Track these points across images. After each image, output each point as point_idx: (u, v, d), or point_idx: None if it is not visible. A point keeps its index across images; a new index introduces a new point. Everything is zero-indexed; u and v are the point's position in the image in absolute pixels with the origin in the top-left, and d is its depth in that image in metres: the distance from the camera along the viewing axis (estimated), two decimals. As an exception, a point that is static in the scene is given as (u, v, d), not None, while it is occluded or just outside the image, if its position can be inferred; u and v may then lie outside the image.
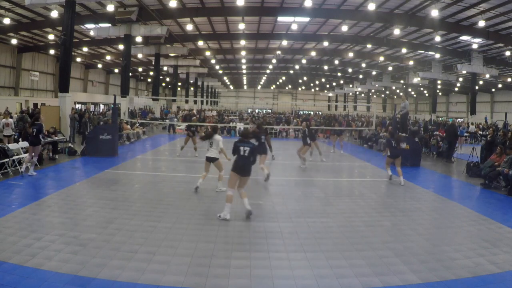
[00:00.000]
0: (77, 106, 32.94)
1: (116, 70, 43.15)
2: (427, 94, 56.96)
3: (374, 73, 42.05)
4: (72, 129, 16.05)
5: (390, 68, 37.09)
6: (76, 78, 38.35)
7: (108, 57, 35.28)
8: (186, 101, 40.50)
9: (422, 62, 32.80)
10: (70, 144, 13.73)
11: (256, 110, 46.63)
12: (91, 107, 36.93)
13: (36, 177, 9.08)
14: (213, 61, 37.41)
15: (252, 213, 6.39)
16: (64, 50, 15.02)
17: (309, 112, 42.63)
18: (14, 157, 9.46)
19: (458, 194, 9.55)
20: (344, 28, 22.33)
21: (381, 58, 32.42)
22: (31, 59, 31.96)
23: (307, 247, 5.19)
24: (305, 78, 54.74)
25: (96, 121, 18.12)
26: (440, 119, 41.25)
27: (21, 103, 26.86)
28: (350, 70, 41.70)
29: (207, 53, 33.24)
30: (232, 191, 6.34)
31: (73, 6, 14.91)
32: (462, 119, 38.56)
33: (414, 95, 62.61)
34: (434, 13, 17.58)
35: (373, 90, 53.25)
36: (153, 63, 30.89)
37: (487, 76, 31.90)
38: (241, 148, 6.47)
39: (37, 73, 32.98)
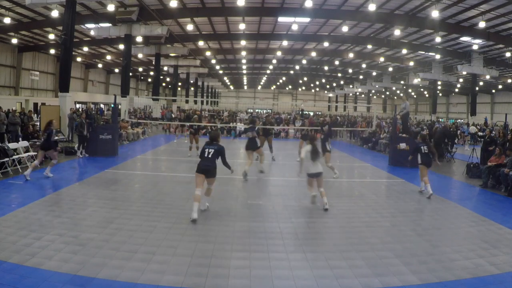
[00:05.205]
0: (77, 105, 32.93)
1: (117, 70, 43.14)
2: (427, 95, 56.96)
3: (374, 73, 42.05)
4: (70, 129, 16.03)
5: (390, 69, 37.07)
6: (76, 77, 38.32)
7: (108, 57, 35.28)
8: (186, 101, 40.49)
9: (422, 63, 32.81)
10: (74, 145, 13.66)
11: (257, 110, 46.55)
12: (92, 107, 36.88)
13: (36, 176, 9.07)
14: (213, 61, 37.42)
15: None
16: (65, 50, 15.03)
17: (309, 112, 42.24)
18: (14, 157, 9.47)
19: (458, 195, 9.54)
20: (345, 28, 22.38)
21: (382, 59, 32.42)
22: (32, 59, 31.94)
23: (307, 248, 5.19)
24: (305, 79, 54.72)
25: (100, 120, 18.10)
26: (441, 120, 41.17)
27: (21, 103, 26.85)
28: (350, 70, 41.68)
29: (208, 53, 33.24)
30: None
31: (73, 6, 14.92)
32: (462, 120, 38.54)
33: (414, 96, 62.58)
34: (435, 14, 17.58)
35: (373, 91, 53.25)
36: (153, 63, 30.85)
37: (487, 77, 31.89)
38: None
39: (38, 73, 32.95)
